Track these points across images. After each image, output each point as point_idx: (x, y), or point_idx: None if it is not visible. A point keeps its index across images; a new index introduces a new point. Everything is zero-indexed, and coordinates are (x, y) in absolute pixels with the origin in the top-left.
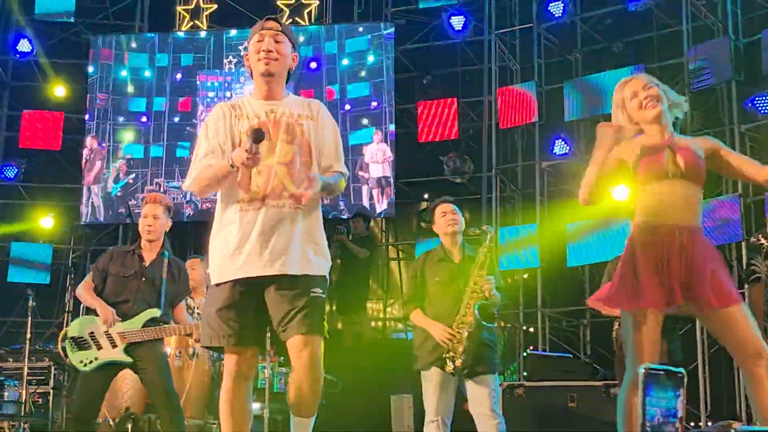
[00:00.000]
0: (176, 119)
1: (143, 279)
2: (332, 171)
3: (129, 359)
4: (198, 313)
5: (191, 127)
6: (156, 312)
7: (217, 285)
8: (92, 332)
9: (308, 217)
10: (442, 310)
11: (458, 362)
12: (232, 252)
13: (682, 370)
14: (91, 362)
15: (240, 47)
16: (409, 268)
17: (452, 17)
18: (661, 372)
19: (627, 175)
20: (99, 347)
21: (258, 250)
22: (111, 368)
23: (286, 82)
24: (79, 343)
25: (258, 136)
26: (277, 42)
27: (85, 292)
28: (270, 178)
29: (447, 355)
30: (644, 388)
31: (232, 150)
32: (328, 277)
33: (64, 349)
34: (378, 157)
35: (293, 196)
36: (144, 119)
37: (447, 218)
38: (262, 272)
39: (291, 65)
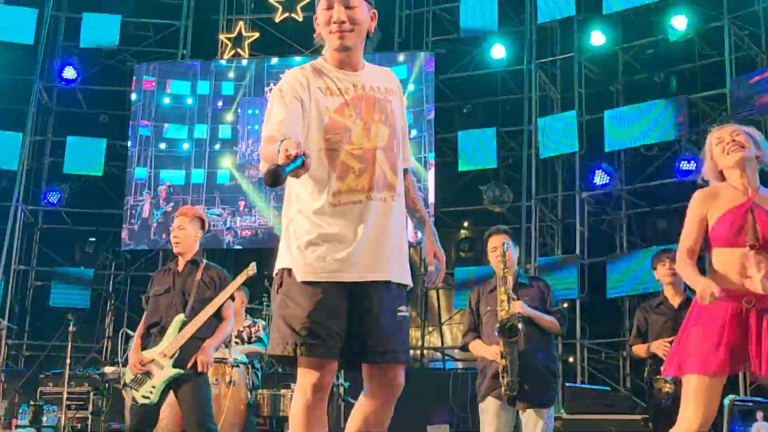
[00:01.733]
0: (217, 146)
1: (175, 291)
2: (410, 164)
3: (180, 370)
4: (235, 342)
5: (232, 155)
6: (181, 317)
7: (306, 283)
8: None
9: (401, 214)
10: (495, 338)
11: (505, 380)
12: (334, 250)
13: None
14: (151, 392)
15: (281, 75)
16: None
17: (493, 46)
18: (750, 403)
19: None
20: (151, 376)
21: (365, 251)
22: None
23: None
24: (137, 382)
25: (275, 180)
26: (348, 8)
27: (136, 334)
28: (372, 165)
29: (501, 379)
30: (730, 420)
31: (304, 123)
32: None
33: (133, 399)
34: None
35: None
36: (185, 146)
37: (497, 254)
38: (367, 277)
39: (370, 27)
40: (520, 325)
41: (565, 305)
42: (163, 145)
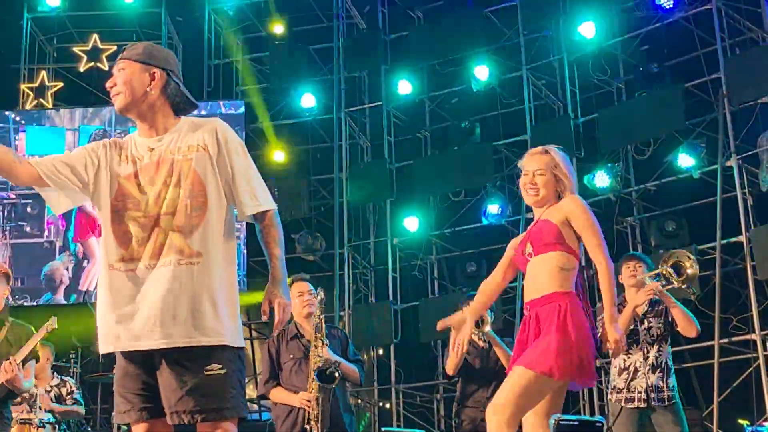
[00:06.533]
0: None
1: None
2: (250, 210)
3: None
4: (40, 406)
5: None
6: None
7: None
8: None
9: (202, 276)
10: (301, 385)
11: (313, 428)
12: (117, 319)
13: (601, 419)
14: None
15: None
16: (263, 349)
17: (303, 96)
18: (575, 422)
19: None
20: None
21: (148, 319)
22: None
23: (171, 101)
24: None
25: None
26: (118, 71)
27: None
28: (155, 232)
29: (307, 425)
30: None
31: (90, 181)
32: (236, 344)
33: None
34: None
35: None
36: None
37: (303, 299)
38: (153, 345)
39: (150, 84)
40: (336, 373)
41: (381, 352)
42: None
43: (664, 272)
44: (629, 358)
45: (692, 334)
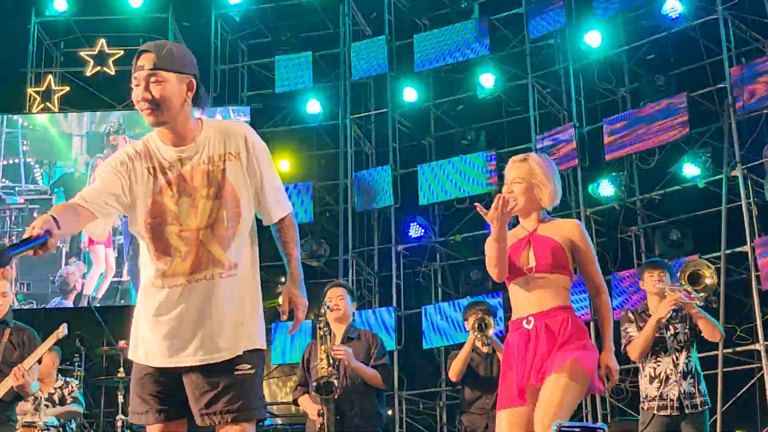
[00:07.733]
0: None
1: None
2: (277, 216)
3: None
4: (46, 405)
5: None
6: None
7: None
8: None
9: (237, 288)
10: None
11: None
12: (150, 337)
13: (603, 426)
14: None
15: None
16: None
17: (308, 101)
18: (577, 428)
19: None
20: None
21: (181, 336)
22: None
23: (196, 104)
24: None
25: None
26: (155, 83)
27: None
28: (196, 247)
29: None
30: None
31: (129, 202)
32: (262, 345)
33: None
34: None
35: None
36: None
37: (331, 304)
38: (180, 363)
39: (186, 95)
40: (336, 382)
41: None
42: None
43: (687, 288)
44: (659, 365)
45: (717, 339)
